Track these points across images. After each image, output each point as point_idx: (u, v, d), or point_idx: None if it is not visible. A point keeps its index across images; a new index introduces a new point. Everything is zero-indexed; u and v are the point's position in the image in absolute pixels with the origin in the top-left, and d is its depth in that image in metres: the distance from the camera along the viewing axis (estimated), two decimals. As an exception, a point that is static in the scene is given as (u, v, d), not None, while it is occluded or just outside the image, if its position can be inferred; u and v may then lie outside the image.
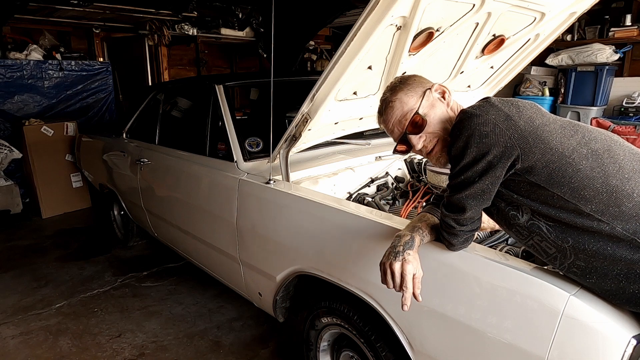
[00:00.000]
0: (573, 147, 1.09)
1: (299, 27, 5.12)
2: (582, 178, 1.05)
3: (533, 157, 1.07)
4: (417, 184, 2.26)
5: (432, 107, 1.27)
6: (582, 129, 1.14)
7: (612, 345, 1.00)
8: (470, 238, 1.25)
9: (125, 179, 3.41)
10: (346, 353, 1.87)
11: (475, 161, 1.09)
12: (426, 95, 1.28)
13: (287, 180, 1.97)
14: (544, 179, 1.07)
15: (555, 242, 1.09)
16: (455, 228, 1.19)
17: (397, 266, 1.15)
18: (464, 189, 1.13)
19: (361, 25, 1.47)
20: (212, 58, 6.72)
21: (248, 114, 4.50)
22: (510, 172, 1.10)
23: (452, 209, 1.18)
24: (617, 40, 4.70)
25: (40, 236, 4.31)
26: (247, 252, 2.11)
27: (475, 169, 1.10)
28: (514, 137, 1.07)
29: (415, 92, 1.29)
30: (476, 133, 1.09)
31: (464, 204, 1.14)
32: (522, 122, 1.09)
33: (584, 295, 1.07)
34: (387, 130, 1.36)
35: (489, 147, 1.08)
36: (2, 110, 4.76)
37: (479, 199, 1.14)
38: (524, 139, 1.08)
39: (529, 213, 1.12)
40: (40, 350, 2.51)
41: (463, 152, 1.11)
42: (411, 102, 1.28)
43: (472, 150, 1.09)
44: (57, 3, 4.48)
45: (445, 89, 1.30)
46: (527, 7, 1.90)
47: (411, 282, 1.15)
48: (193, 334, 2.61)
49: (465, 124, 1.11)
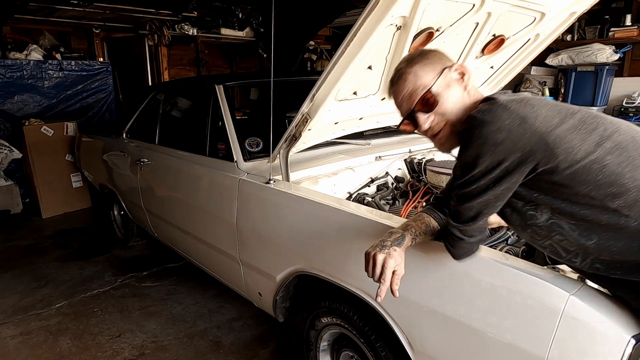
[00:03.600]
0: (596, 142, 1.01)
1: (299, 27, 5.12)
2: (609, 174, 0.99)
3: (555, 159, 1.00)
4: (417, 184, 2.26)
5: (447, 88, 1.17)
6: (602, 120, 1.06)
7: (612, 344, 1.00)
8: (477, 247, 1.19)
9: (125, 179, 3.41)
10: (346, 353, 1.86)
11: (489, 170, 1.02)
12: (444, 74, 1.17)
13: (287, 180, 1.97)
14: (568, 179, 1.01)
15: (578, 240, 1.04)
16: (463, 240, 1.13)
17: (379, 257, 1.15)
18: (475, 197, 1.06)
19: (361, 25, 1.47)
20: (212, 58, 6.72)
21: (248, 114, 4.51)
22: (531, 175, 1.04)
23: (460, 218, 1.11)
24: (617, 40, 4.70)
25: (40, 236, 4.31)
26: (247, 252, 2.11)
27: (490, 177, 1.03)
28: (532, 141, 0.99)
29: (432, 68, 1.18)
30: (490, 142, 1.00)
31: (474, 212, 1.08)
32: (538, 122, 1.00)
33: (584, 295, 1.07)
34: (395, 103, 1.27)
35: (504, 155, 1.00)
36: (2, 110, 4.76)
37: (491, 206, 1.08)
38: (543, 142, 0.99)
39: (548, 212, 1.07)
40: (40, 350, 2.51)
41: (475, 162, 1.03)
42: (426, 77, 1.17)
43: (486, 159, 1.01)
44: (57, 3, 4.48)
45: (465, 70, 1.19)
46: (527, 7, 1.90)
47: (390, 276, 1.14)
48: (193, 334, 2.61)
49: (475, 133, 1.02)
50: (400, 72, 1.21)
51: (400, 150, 2.49)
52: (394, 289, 1.16)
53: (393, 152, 2.45)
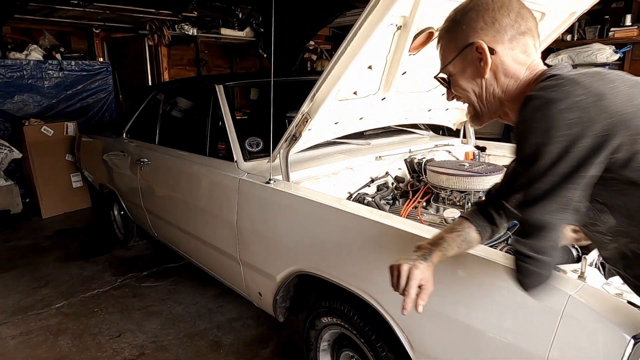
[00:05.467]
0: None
1: (299, 27, 5.12)
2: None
3: (637, 148, 0.79)
4: (417, 184, 2.26)
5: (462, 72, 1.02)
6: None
7: (612, 345, 1.00)
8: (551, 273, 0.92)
9: (125, 179, 3.41)
10: (346, 353, 1.86)
11: (559, 159, 0.80)
12: (463, 53, 0.99)
13: (287, 180, 1.97)
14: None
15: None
16: (539, 261, 0.88)
17: (404, 268, 1.06)
18: (543, 197, 0.83)
19: (361, 25, 1.47)
20: (212, 58, 6.72)
21: (248, 114, 4.51)
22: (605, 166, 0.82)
23: (526, 230, 0.89)
24: (617, 40, 4.70)
25: (40, 236, 4.31)
26: (247, 252, 2.11)
27: (560, 170, 0.81)
28: (612, 123, 0.78)
29: (456, 42, 1.01)
30: (560, 123, 0.79)
31: (547, 221, 0.85)
32: (619, 100, 0.80)
33: (584, 295, 1.07)
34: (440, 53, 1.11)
35: (575, 139, 0.78)
36: (2, 110, 4.76)
37: (567, 210, 0.83)
38: (624, 125, 0.79)
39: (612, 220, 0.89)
40: (40, 350, 2.51)
41: (538, 152, 0.81)
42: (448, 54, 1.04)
43: (555, 146, 0.80)
44: (57, 3, 4.48)
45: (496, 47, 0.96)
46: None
47: (415, 287, 1.04)
48: (193, 334, 2.61)
49: (540, 114, 0.81)
50: (439, 35, 1.09)
51: (400, 150, 2.49)
52: (418, 302, 1.05)
53: (393, 152, 2.45)
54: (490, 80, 1.00)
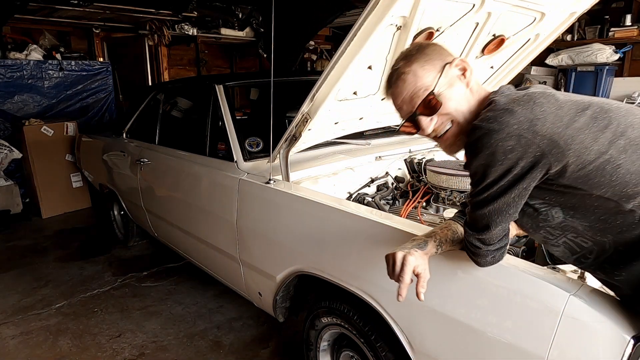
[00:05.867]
0: (609, 140, 0.96)
1: (299, 27, 5.12)
2: (624, 174, 0.94)
3: (567, 161, 0.95)
4: (417, 184, 2.26)
5: (449, 87, 1.10)
6: (615, 114, 1.00)
7: (612, 345, 1.00)
8: (501, 255, 1.14)
9: (125, 179, 3.41)
10: (346, 353, 1.86)
11: (500, 178, 0.98)
12: (445, 71, 1.10)
13: (287, 180, 1.97)
14: (581, 181, 0.96)
15: (594, 237, 1.01)
16: (481, 248, 1.10)
17: (399, 255, 1.11)
18: (488, 205, 1.02)
19: (361, 25, 1.47)
20: (212, 58, 6.72)
21: (248, 114, 4.51)
22: (543, 179, 1.00)
23: (475, 227, 1.08)
24: (617, 40, 4.70)
25: (40, 236, 4.31)
26: (247, 252, 2.11)
27: (501, 185, 0.99)
28: (543, 145, 0.94)
29: (432, 66, 1.10)
30: (499, 150, 0.95)
31: (488, 220, 1.04)
32: (548, 123, 0.95)
33: (584, 295, 1.07)
34: (394, 105, 1.19)
35: (515, 162, 0.96)
36: (2, 110, 4.76)
37: (504, 214, 1.03)
38: (555, 144, 0.94)
39: (561, 214, 1.03)
40: (40, 350, 2.51)
41: (485, 172, 0.99)
42: (427, 77, 1.10)
43: (497, 168, 0.97)
44: (57, 3, 4.48)
45: (466, 65, 1.12)
46: (527, 7, 1.90)
47: (409, 273, 1.09)
48: (193, 334, 2.61)
49: (484, 142, 0.97)
50: (399, 72, 1.13)
51: (400, 150, 2.49)
52: (419, 291, 1.10)
53: (393, 152, 2.45)
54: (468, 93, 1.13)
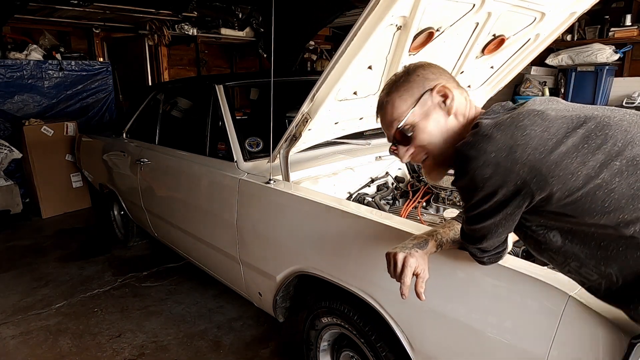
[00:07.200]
0: (602, 162, 0.87)
1: (299, 27, 5.12)
2: (618, 199, 0.86)
3: (550, 189, 0.89)
4: (417, 184, 2.26)
5: (425, 117, 1.09)
6: (613, 131, 0.90)
7: (611, 346, 1.00)
8: (500, 256, 1.16)
9: (125, 179, 3.41)
10: (346, 353, 1.86)
11: (482, 202, 0.96)
12: (422, 101, 1.09)
13: (287, 180, 1.97)
14: (570, 209, 0.89)
15: (597, 267, 0.93)
16: (477, 255, 1.14)
17: (400, 256, 1.14)
18: (479, 222, 1.02)
19: (361, 25, 1.47)
20: (212, 58, 6.72)
21: (248, 114, 4.51)
22: (530, 205, 0.94)
23: (470, 239, 1.11)
24: (617, 40, 4.70)
25: (40, 236, 4.31)
26: (247, 252, 2.11)
27: (484, 208, 0.97)
28: (524, 172, 0.89)
29: (410, 95, 1.10)
30: (477, 177, 0.92)
31: (480, 235, 1.06)
32: (529, 150, 0.89)
33: (584, 295, 1.07)
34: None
35: (495, 189, 0.92)
36: (2, 110, 4.76)
37: (494, 232, 1.02)
38: (536, 171, 0.88)
39: (559, 239, 0.96)
40: (40, 350, 2.51)
41: (469, 194, 0.99)
42: (402, 107, 1.10)
43: (478, 193, 0.95)
44: (57, 3, 4.48)
45: (447, 92, 1.08)
46: (527, 7, 1.90)
47: (410, 274, 1.12)
48: (193, 334, 2.61)
49: (463, 167, 0.96)
50: (380, 101, 1.17)
51: (400, 150, 2.48)
52: (419, 291, 1.12)
53: (393, 152, 2.45)
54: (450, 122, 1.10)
